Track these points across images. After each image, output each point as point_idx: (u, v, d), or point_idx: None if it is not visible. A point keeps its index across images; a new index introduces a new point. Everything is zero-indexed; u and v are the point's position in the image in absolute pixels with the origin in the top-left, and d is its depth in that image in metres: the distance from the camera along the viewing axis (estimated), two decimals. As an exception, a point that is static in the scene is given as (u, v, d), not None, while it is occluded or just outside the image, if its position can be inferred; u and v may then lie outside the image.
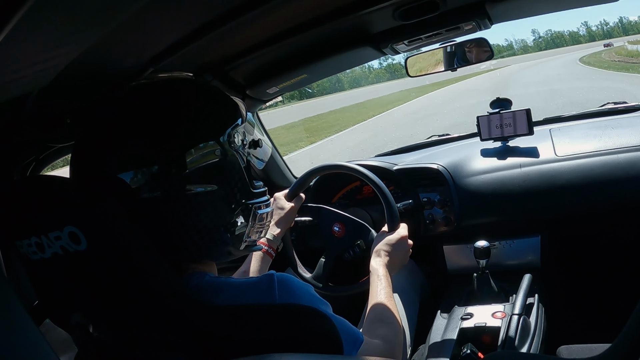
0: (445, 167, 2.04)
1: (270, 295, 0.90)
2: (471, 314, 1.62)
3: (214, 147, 0.91)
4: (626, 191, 1.74)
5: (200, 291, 0.90)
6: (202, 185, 0.89)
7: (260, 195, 1.04)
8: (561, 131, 2.10)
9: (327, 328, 0.91)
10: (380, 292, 1.35)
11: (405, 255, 1.57)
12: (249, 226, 0.99)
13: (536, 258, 1.94)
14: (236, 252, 1.01)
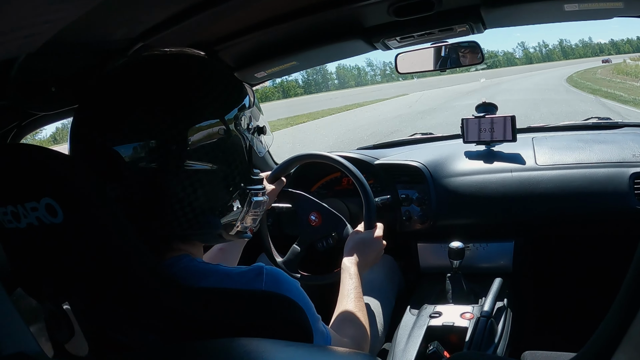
0: (425, 165, 2.05)
1: (257, 283, 0.89)
2: (440, 312, 1.64)
3: (219, 125, 0.90)
4: (603, 205, 1.77)
5: (186, 274, 0.88)
6: (202, 163, 0.87)
7: (258, 182, 1.03)
8: (543, 141, 2.13)
9: (303, 323, 0.91)
10: (351, 292, 1.35)
11: (378, 255, 1.58)
12: (244, 212, 0.98)
13: (508, 263, 1.96)
14: (227, 236, 0.99)
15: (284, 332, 0.83)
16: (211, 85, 0.91)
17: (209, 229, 0.93)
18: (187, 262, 0.91)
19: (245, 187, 0.97)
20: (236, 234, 1.01)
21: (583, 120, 2.37)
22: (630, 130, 2.11)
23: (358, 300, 1.33)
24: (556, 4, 1.44)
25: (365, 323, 1.28)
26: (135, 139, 0.82)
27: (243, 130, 0.96)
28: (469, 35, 1.71)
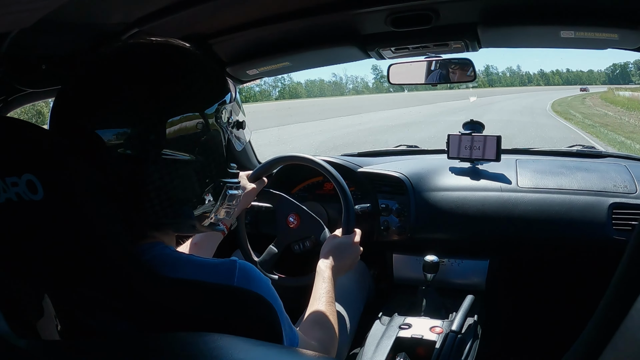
0: (408, 177, 2.06)
1: (228, 278, 0.88)
2: (410, 324, 1.64)
3: (199, 119, 0.90)
4: (580, 232, 1.79)
5: (158, 262, 0.87)
6: (180, 153, 0.87)
7: (234, 176, 1.03)
8: (527, 163, 2.15)
9: (273, 321, 0.91)
10: (323, 296, 1.35)
11: (354, 261, 1.58)
12: (218, 204, 0.99)
13: (482, 281, 1.98)
14: (200, 227, 0.99)
15: (253, 330, 0.83)
16: (194, 78, 0.91)
17: (183, 218, 0.93)
18: (160, 250, 0.91)
19: (221, 180, 0.98)
20: (209, 225, 1.01)
21: (567, 147, 2.40)
22: (613, 161, 2.14)
23: (329, 305, 1.33)
24: (553, 29, 1.46)
25: (335, 328, 1.28)
26: (116, 125, 0.82)
27: (223, 123, 0.96)
28: (463, 52, 1.73)
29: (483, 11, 1.46)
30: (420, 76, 1.98)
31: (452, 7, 1.43)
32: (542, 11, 1.41)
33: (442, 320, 1.65)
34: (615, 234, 1.74)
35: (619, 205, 1.78)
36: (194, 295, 0.85)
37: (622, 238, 1.72)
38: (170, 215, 0.90)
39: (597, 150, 2.32)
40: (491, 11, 1.45)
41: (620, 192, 1.83)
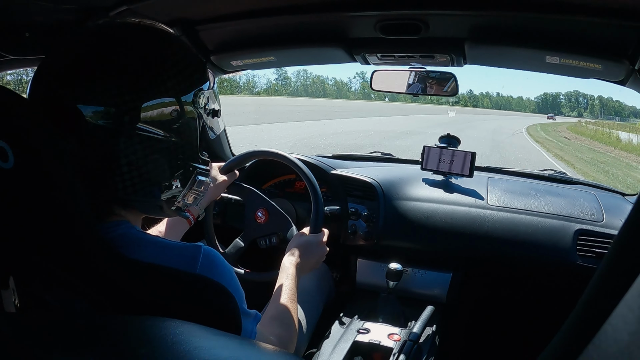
0: (380, 184, 2.07)
1: (191, 265, 0.89)
2: (368, 329, 1.65)
3: (175, 104, 0.91)
4: (544, 254, 1.82)
5: (123, 241, 0.87)
6: (156, 131, 0.88)
7: (205, 163, 1.04)
8: (498, 182, 2.19)
9: (232, 313, 0.91)
10: (285, 292, 1.35)
11: (319, 261, 1.59)
12: (186, 189, 0.99)
13: (443, 293, 2.00)
14: (167, 210, 0.99)
15: (211, 319, 0.82)
16: (176, 64, 0.91)
17: (151, 199, 0.93)
18: (125, 229, 0.91)
19: (192, 164, 0.99)
20: (176, 209, 1.01)
21: (540, 170, 2.44)
22: (583, 188, 2.19)
23: (291, 302, 1.33)
24: (539, 54, 1.48)
25: (295, 326, 1.28)
26: (95, 101, 0.82)
27: (199, 109, 0.97)
28: (448, 66, 1.74)
29: (472, 28, 1.48)
30: (403, 85, 1.99)
31: (442, 21, 1.44)
32: (531, 35, 1.43)
33: (400, 328, 1.66)
34: (579, 260, 1.77)
35: (585, 232, 1.82)
36: (154, 280, 0.84)
37: (584, 264, 1.76)
38: (140, 193, 0.90)
39: (568, 176, 2.36)
40: (480, 29, 1.47)
41: (587, 219, 1.87)
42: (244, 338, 0.88)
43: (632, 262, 0.38)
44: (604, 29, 1.32)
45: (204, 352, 0.63)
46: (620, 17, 1.25)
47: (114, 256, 0.81)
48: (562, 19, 1.31)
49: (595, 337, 0.36)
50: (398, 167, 2.41)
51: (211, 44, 1.82)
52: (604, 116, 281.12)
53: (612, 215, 1.89)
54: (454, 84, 1.86)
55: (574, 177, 2.33)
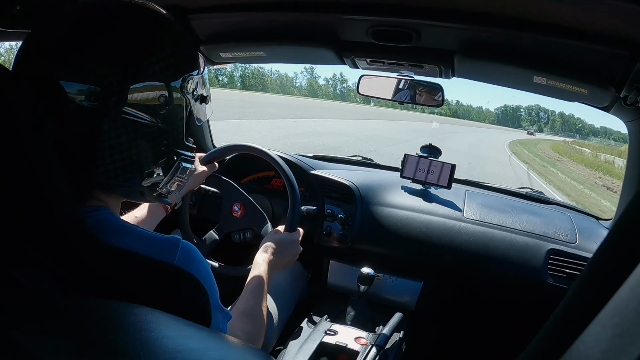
0: (358, 188, 2.08)
1: (169, 256, 0.88)
2: (336, 331, 1.65)
3: (163, 88, 0.89)
4: (515, 270, 1.85)
5: (101, 228, 0.86)
6: (141, 115, 0.87)
7: (190, 150, 1.02)
8: (476, 196, 2.21)
9: (204, 307, 0.91)
10: (256, 289, 1.35)
11: (292, 260, 1.59)
12: (170, 175, 0.98)
13: (413, 301, 2.01)
14: (148, 195, 0.98)
15: (183, 311, 0.82)
16: (166, 47, 0.90)
17: (132, 184, 0.92)
18: (104, 215, 0.90)
19: (177, 151, 0.98)
20: (158, 195, 1.00)
21: (517, 188, 2.48)
22: (559, 209, 2.22)
23: (261, 299, 1.33)
24: (527, 73, 1.49)
25: (263, 323, 1.28)
26: (81, 79, 0.81)
27: (188, 94, 0.96)
28: (436, 77, 1.75)
29: (463, 41, 1.49)
30: (389, 92, 2.00)
31: (435, 32, 1.45)
32: (520, 54, 1.44)
33: (368, 333, 1.67)
34: (549, 279, 1.80)
35: (557, 252, 1.84)
36: (130, 267, 0.83)
37: (554, 283, 1.78)
38: (121, 177, 0.89)
39: (545, 196, 2.39)
40: (471, 43, 1.48)
41: (560, 239, 1.90)
42: (213, 330, 0.88)
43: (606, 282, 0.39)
44: (594, 54, 1.33)
45: (172, 341, 0.63)
46: (610, 45, 1.27)
47: (91, 241, 0.80)
48: (553, 41, 1.33)
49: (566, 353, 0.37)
50: (377, 173, 2.42)
51: (202, 33, 1.81)
52: (565, 132, 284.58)
53: (585, 238, 1.93)
54: (440, 94, 1.88)
55: (551, 197, 2.36)
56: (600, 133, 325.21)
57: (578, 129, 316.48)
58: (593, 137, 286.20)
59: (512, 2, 1.21)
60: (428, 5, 1.34)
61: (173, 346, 0.61)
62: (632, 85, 1.32)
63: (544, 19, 1.26)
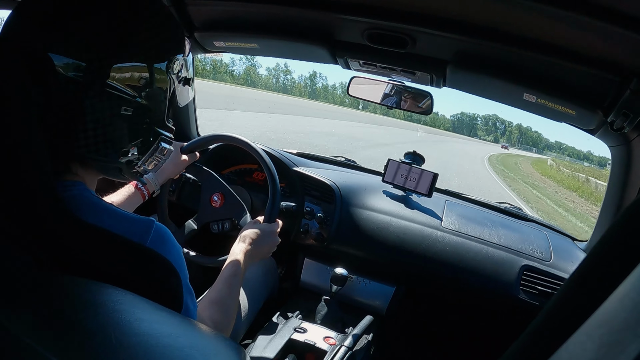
0: (339, 188, 2.09)
1: (142, 237, 0.88)
2: (305, 329, 1.66)
3: (149, 67, 0.90)
4: (488, 283, 1.86)
5: (76, 203, 0.86)
6: (125, 90, 0.87)
7: (170, 130, 1.03)
8: (455, 206, 2.23)
9: (175, 291, 0.91)
10: (230, 278, 1.34)
11: (270, 251, 1.59)
12: (148, 154, 0.99)
13: (384, 305, 2.02)
14: (126, 172, 0.99)
15: (154, 294, 0.81)
16: (155, 27, 0.91)
17: (112, 159, 0.93)
18: (80, 190, 0.90)
19: (157, 129, 0.99)
20: (135, 173, 1.01)
21: (497, 202, 2.50)
22: (536, 227, 2.25)
23: (233, 288, 1.32)
24: (517, 89, 1.51)
25: (232, 313, 1.28)
26: (68, 53, 0.81)
27: (172, 74, 0.97)
28: (427, 85, 1.76)
29: (457, 52, 1.50)
30: (379, 95, 2.01)
31: (430, 40, 1.46)
32: (513, 69, 1.46)
33: (337, 333, 1.67)
34: (520, 294, 1.82)
35: (531, 268, 1.87)
36: (103, 246, 0.83)
37: (525, 299, 1.80)
38: (101, 152, 0.89)
39: (524, 213, 2.42)
40: (465, 54, 1.49)
41: (535, 256, 1.92)
42: (185, 317, 0.88)
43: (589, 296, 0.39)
44: (585, 77, 1.35)
45: (144, 324, 0.63)
46: (602, 68, 1.29)
47: (67, 216, 0.80)
48: (546, 60, 1.34)
49: None
50: (360, 175, 2.43)
51: (197, 20, 1.80)
52: (522, 145, 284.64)
53: (560, 257, 1.95)
54: (429, 102, 1.88)
55: (529, 215, 2.39)
56: (555, 148, 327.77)
57: (535, 142, 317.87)
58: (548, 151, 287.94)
59: (509, 17, 1.23)
60: (426, 12, 1.35)
61: (145, 330, 0.61)
62: (619, 111, 1.34)
63: (539, 37, 1.28)
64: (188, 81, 1.06)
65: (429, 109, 1.90)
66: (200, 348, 0.67)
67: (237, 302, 1.31)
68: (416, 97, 1.92)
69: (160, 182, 1.70)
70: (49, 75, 0.80)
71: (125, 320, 0.61)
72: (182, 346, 0.63)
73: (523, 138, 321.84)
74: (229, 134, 1.78)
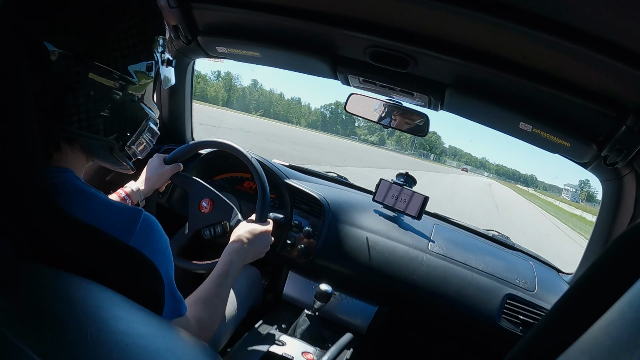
0: (329, 203, 2.09)
1: (127, 232, 0.88)
2: (284, 342, 1.64)
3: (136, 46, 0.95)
4: (471, 309, 1.86)
5: (64, 190, 0.87)
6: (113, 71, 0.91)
7: (155, 111, 1.08)
8: (443, 231, 2.23)
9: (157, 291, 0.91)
10: (219, 277, 1.34)
11: (263, 250, 1.59)
12: (137, 133, 1.01)
13: (365, 324, 2.01)
14: (115, 152, 0.99)
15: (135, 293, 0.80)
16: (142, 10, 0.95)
17: (101, 136, 0.94)
18: (68, 177, 0.91)
19: (144, 107, 1.02)
20: (124, 154, 1.02)
21: (485, 229, 2.51)
22: (522, 256, 2.25)
23: (222, 288, 1.32)
24: (514, 118, 1.52)
25: (219, 313, 1.27)
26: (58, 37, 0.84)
27: (156, 53, 1.01)
28: (424, 107, 1.77)
29: (457, 76, 1.51)
30: (376, 114, 2.01)
31: (432, 62, 1.46)
32: (512, 98, 1.47)
33: (315, 349, 1.66)
34: (502, 322, 1.82)
35: (514, 297, 1.87)
36: (86, 242, 0.82)
37: (506, 327, 1.80)
38: (93, 128, 0.91)
39: (511, 241, 2.43)
40: (464, 79, 1.50)
41: (519, 286, 1.93)
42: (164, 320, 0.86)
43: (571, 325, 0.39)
44: (582, 110, 1.36)
45: (121, 323, 0.62)
46: (599, 103, 1.30)
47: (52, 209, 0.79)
48: (545, 91, 1.35)
49: None
50: (351, 193, 2.43)
51: (202, 24, 1.80)
52: (416, 150, 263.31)
53: (544, 288, 1.95)
54: (426, 124, 1.89)
55: (516, 244, 2.40)
56: (449, 153, 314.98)
57: (432, 146, 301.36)
58: (446, 157, 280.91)
59: (512, 45, 1.24)
60: (429, 34, 1.36)
61: (122, 328, 0.61)
62: (614, 146, 1.36)
63: (539, 67, 1.29)
64: (170, 62, 1.10)
65: (425, 131, 1.91)
66: (176, 352, 0.66)
67: (225, 302, 1.31)
68: (412, 117, 1.93)
69: (145, 193, 1.70)
70: (44, 60, 0.82)
71: (102, 317, 0.61)
72: (157, 348, 0.62)
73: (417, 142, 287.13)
74: (209, 140, 1.78)
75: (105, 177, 2.17)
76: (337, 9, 1.40)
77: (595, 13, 0.97)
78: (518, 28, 1.11)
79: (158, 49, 1.01)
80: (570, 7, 0.98)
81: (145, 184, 1.70)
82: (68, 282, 0.67)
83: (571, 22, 1.03)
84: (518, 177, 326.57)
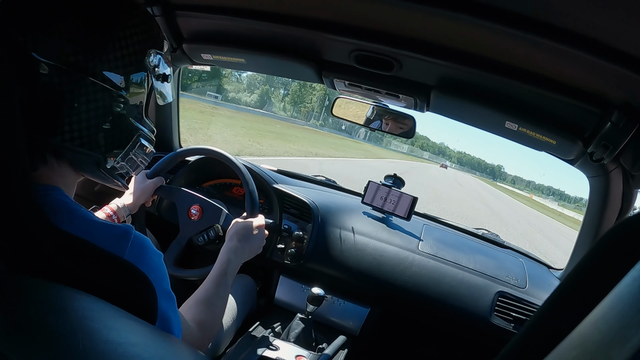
0: (317, 207, 2.09)
1: (119, 247, 0.87)
2: (278, 347, 1.64)
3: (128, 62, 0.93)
4: (462, 307, 1.88)
5: (53, 209, 0.84)
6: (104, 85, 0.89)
7: (150, 130, 1.05)
8: (433, 230, 2.25)
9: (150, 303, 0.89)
10: (219, 277, 1.35)
11: (259, 245, 1.59)
12: (127, 148, 0.99)
13: (357, 325, 2.01)
14: (103, 168, 0.97)
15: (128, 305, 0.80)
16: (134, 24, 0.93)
17: (90, 150, 0.92)
18: (57, 195, 0.89)
19: (137, 125, 0.99)
20: (112, 170, 1.00)
21: (474, 228, 2.52)
22: (512, 254, 2.27)
23: (221, 288, 1.32)
24: (500, 117, 1.53)
25: (220, 312, 1.28)
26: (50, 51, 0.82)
27: (149, 68, 0.99)
28: (411, 108, 1.77)
29: (442, 78, 1.52)
30: (362, 117, 2.03)
31: (416, 64, 1.47)
32: (496, 97, 1.48)
33: (309, 352, 1.66)
34: (494, 319, 1.83)
35: (505, 295, 1.89)
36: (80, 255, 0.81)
37: (498, 324, 1.82)
38: (77, 142, 0.89)
39: (500, 239, 2.45)
40: (449, 80, 1.51)
41: (510, 283, 1.95)
42: (156, 328, 0.86)
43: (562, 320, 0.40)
44: (567, 107, 1.38)
45: (113, 333, 0.62)
46: (584, 100, 1.32)
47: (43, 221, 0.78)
48: (529, 90, 1.37)
49: None
50: (339, 196, 2.44)
51: (186, 31, 1.80)
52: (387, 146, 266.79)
53: (535, 285, 1.98)
54: (412, 126, 1.91)
55: (506, 242, 2.42)
56: None
57: None
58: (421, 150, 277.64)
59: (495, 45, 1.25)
60: (413, 37, 1.37)
61: (113, 338, 0.61)
62: (599, 142, 1.37)
63: (523, 66, 1.30)
64: (167, 77, 1.07)
65: (412, 133, 1.92)
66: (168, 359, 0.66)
67: (225, 301, 1.32)
68: (404, 121, 1.94)
69: (131, 209, 1.70)
70: (34, 73, 0.81)
71: (94, 328, 0.61)
72: (150, 357, 0.62)
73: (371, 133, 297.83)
74: (190, 148, 1.80)
75: (94, 187, 2.16)
76: (321, 13, 1.41)
77: (575, 11, 0.98)
78: (500, 28, 1.12)
79: (151, 63, 0.99)
80: (551, 6, 1.00)
81: (130, 199, 1.70)
82: (59, 294, 0.67)
83: (552, 21, 1.05)
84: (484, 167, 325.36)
